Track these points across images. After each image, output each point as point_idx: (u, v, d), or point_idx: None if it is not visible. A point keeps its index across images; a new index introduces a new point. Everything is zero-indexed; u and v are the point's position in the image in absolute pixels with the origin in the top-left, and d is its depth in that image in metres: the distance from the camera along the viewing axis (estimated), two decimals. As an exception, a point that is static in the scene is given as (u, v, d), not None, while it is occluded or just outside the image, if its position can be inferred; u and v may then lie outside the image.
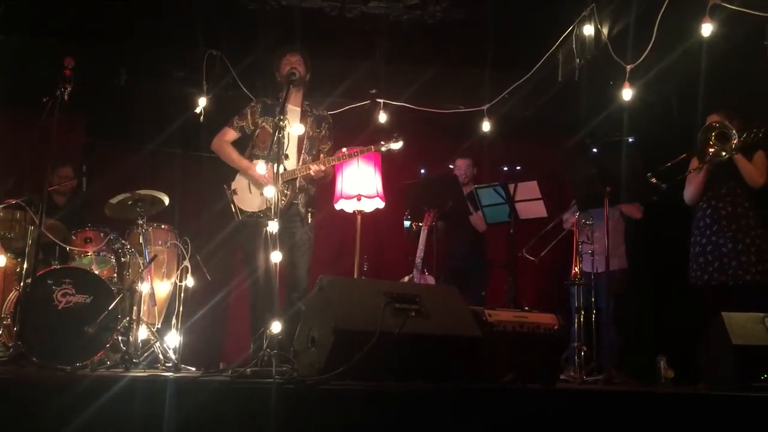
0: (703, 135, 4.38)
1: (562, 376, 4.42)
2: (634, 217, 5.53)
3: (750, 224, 4.41)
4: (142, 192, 4.51)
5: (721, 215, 4.46)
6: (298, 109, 4.45)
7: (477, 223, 5.74)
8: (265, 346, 3.29)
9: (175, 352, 4.32)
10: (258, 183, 4.29)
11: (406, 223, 5.77)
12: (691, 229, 4.62)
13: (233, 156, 4.43)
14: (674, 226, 5.02)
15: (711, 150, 4.38)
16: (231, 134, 4.49)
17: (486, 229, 5.76)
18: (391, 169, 5.42)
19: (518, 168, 6.48)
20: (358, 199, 5.06)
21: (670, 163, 4.53)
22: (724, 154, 4.33)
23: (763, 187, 4.44)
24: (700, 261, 4.50)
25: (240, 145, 4.51)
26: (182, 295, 4.66)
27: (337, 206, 5.22)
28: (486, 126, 5.90)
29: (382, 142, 4.50)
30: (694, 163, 4.58)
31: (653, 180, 4.45)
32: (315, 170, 4.30)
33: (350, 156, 4.59)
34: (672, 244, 5.12)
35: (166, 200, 4.64)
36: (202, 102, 5.62)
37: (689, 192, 4.64)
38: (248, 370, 3.11)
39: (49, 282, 4.12)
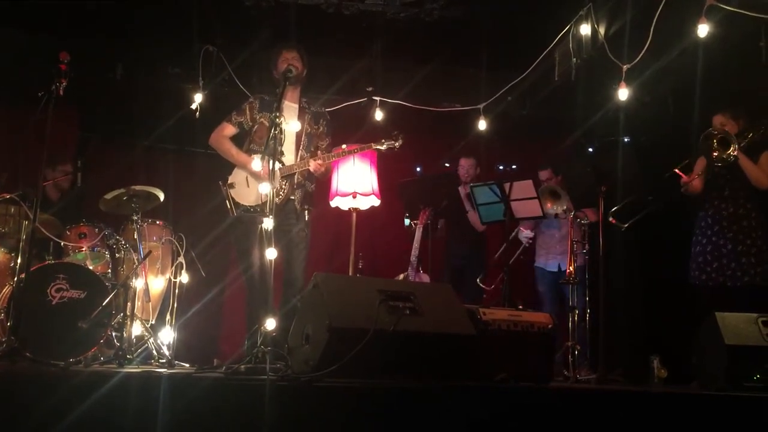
0: (704, 143, 4.37)
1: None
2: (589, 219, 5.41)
3: (752, 225, 4.40)
4: (137, 187, 4.49)
5: (723, 216, 4.46)
6: (296, 106, 4.45)
7: (474, 222, 5.75)
8: (259, 342, 3.29)
9: (169, 348, 4.33)
10: (256, 177, 4.28)
11: (407, 221, 5.78)
12: (693, 229, 4.62)
13: (232, 151, 4.43)
14: (669, 226, 5.04)
15: (715, 154, 4.38)
16: (229, 129, 4.48)
17: (485, 229, 5.77)
18: (387, 166, 5.42)
19: (514, 167, 6.49)
20: (354, 197, 5.05)
21: (676, 169, 4.54)
22: (729, 156, 4.31)
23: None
24: (699, 261, 4.50)
25: (236, 140, 4.51)
26: (176, 291, 4.66)
27: (333, 203, 5.22)
28: (482, 125, 5.91)
29: (383, 140, 4.50)
30: (699, 166, 4.56)
31: (612, 220, 4.55)
32: (315, 166, 4.29)
33: (350, 152, 4.59)
34: (666, 244, 5.13)
35: (161, 196, 4.63)
36: (197, 98, 5.60)
37: (692, 195, 4.65)
38: (242, 366, 3.12)
39: (43, 277, 4.11)
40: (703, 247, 4.51)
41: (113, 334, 4.19)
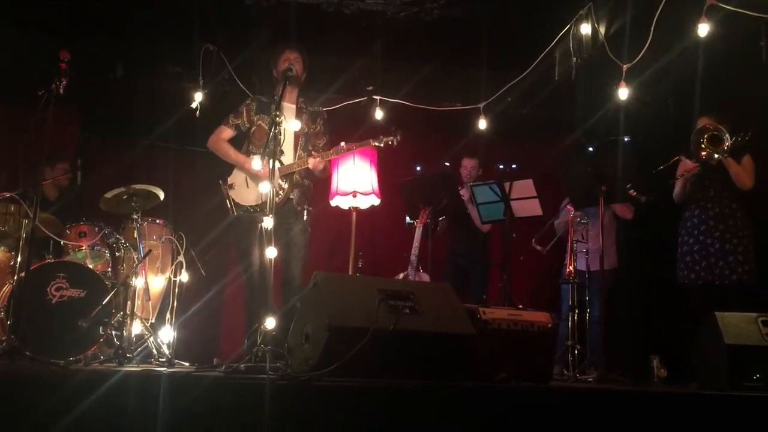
0: (695, 137, 4.43)
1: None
2: (626, 217, 5.59)
3: (737, 225, 4.47)
4: (137, 186, 4.49)
5: (709, 216, 4.52)
6: (293, 106, 4.45)
7: (478, 222, 5.76)
8: (259, 341, 3.29)
9: (168, 347, 4.32)
10: (255, 177, 4.28)
11: (408, 220, 5.78)
12: (679, 230, 4.66)
13: (230, 153, 4.43)
14: (668, 225, 5.03)
15: (703, 153, 4.42)
16: (227, 132, 4.49)
17: (490, 228, 5.78)
18: (387, 165, 5.42)
19: (514, 166, 6.48)
20: (354, 196, 5.05)
21: (663, 167, 4.57)
22: (716, 156, 4.38)
23: (751, 190, 4.48)
24: (687, 260, 4.55)
25: (235, 142, 4.51)
26: (176, 290, 4.66)
27: (333, 202, 5.22)
28: (482, 124, 5.90)
29: (381, 137, 4.50)
30: (683, 165, 4.61)
31: (632, 192, 4.50)
32: (313, 164, 4.29)
33: (348, 150, 4.59)
34: (665, 243, 5.13)
35: (161, 195, 4.63)
36: (198, 97, 5.60)
37: (677, 192, 4.71)
38: (242, 365, 3.12)
39: (43, 276, 4.11)
40: (690, 246, 4.56)
41: (113, 332, 4.19)
